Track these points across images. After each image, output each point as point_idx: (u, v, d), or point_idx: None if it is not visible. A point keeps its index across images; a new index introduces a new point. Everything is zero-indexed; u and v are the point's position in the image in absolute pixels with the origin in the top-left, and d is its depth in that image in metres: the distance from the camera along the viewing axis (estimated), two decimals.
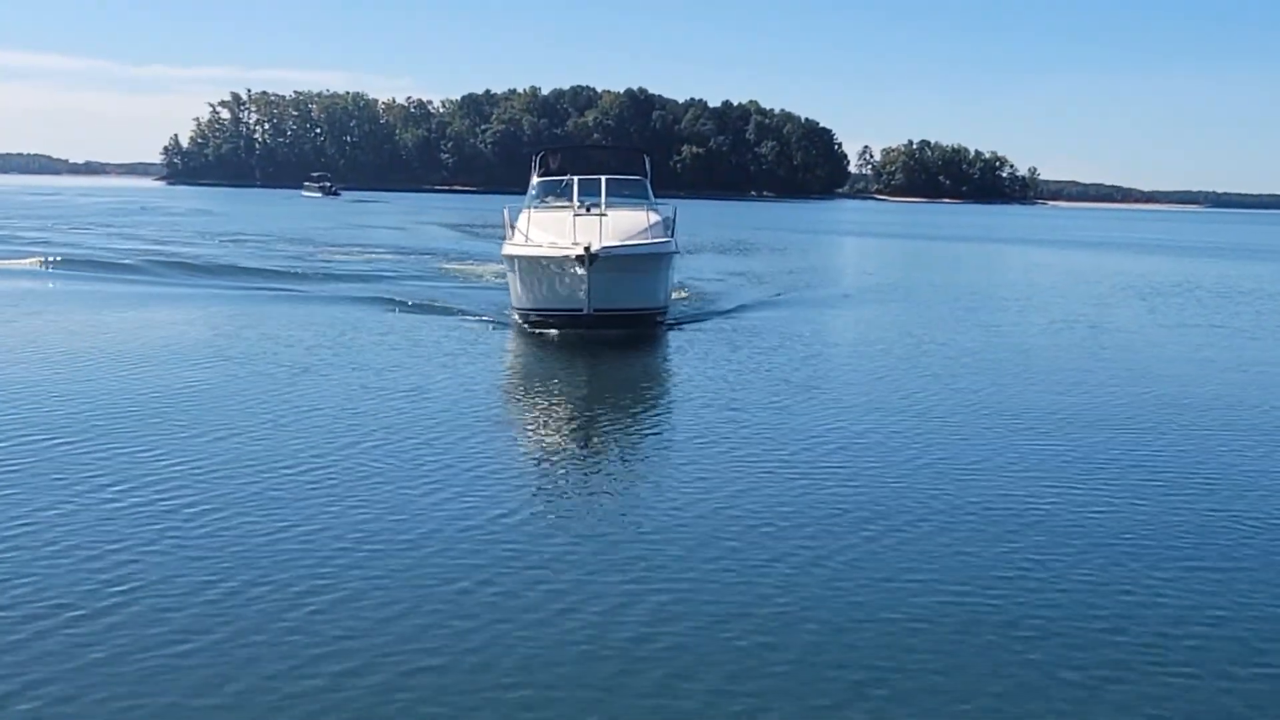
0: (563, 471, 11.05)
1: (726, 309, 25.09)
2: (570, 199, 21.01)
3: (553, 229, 19.66)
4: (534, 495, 9.95)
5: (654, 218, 21.22)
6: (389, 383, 14.84)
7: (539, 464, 11.46)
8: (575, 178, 21.91)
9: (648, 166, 24.75)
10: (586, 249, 17.86)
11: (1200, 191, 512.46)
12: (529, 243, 19.69)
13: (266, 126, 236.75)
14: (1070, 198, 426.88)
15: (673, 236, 21.55)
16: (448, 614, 7.10)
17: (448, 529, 8.73)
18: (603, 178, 21.76)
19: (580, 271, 18.17)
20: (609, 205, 20.54)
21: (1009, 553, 8.59)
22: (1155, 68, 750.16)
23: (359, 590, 7.45)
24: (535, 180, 23.20)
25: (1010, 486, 10.49)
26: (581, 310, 18.70)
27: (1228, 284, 38.16)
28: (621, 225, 19.83)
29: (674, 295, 23.51)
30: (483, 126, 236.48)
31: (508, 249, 20.52)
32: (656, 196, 23.26)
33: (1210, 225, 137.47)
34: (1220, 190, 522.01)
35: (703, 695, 6.16)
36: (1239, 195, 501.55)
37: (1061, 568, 8.26)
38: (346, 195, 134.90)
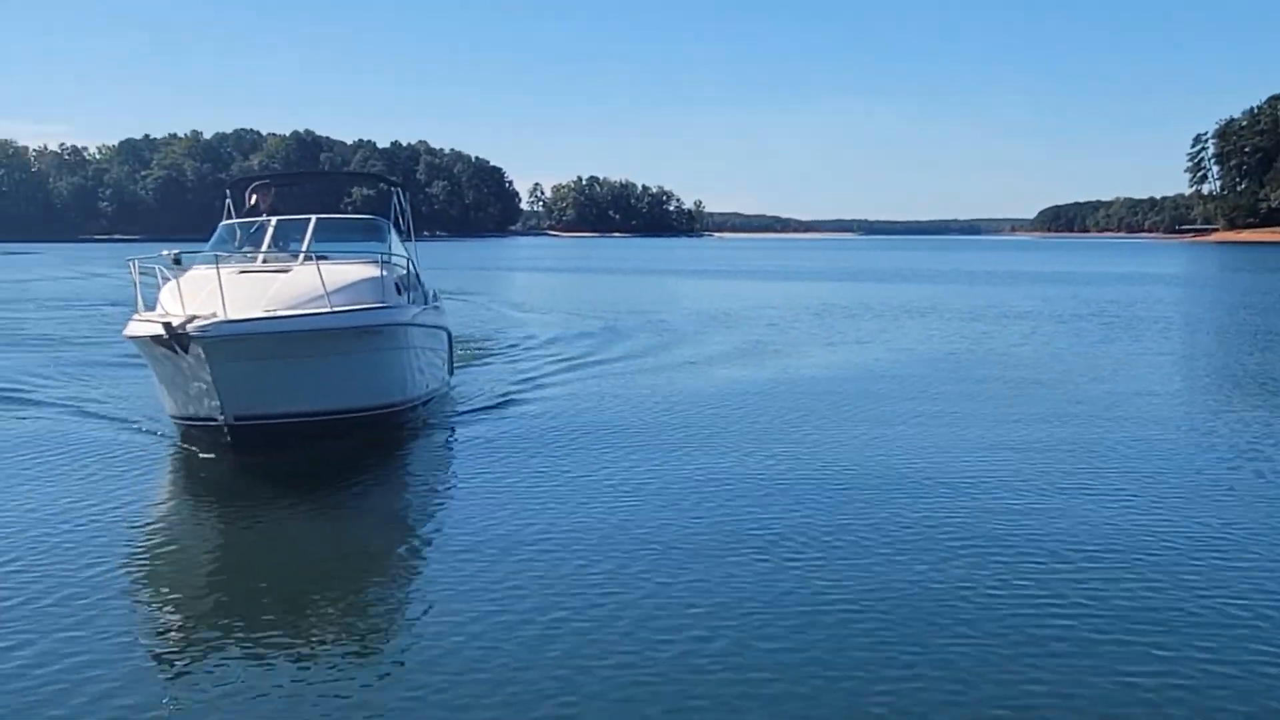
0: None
1: (501, 391, 18.47)
2: (259, 247, 15.21)
3: (193, 294, 12.92)
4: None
5: (370, 272, 14.59)
6: None
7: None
8: (274, 219, 15.95)
9: (402, 202, 18.28)
10: (168, 325, 11.74)
11: (854, 220, 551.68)
12: (154, 315, 12.88)
13: None
14: (735, 229, 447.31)
15: (417, 297, 16.31)
16: None
17: None
18: (313, 217, 15.82)
19: (194, 361, 12.07)
20: (312, 256, 14.63)
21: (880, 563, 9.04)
22: (807, 103, 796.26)
23: None
24: (224, 224, 16.59)
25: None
26: (214, 419, 12.56)
27: (897, 304, 41.08)
28: (295, 286, 13.47)
29: (444, 376, 17.52)
30: (143, 173, 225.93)
31: (130, 325, 13.02)
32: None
33: (867, 252, 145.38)
34: (871, 218, 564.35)
35: None
36: (888, 223, 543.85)
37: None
38: None
